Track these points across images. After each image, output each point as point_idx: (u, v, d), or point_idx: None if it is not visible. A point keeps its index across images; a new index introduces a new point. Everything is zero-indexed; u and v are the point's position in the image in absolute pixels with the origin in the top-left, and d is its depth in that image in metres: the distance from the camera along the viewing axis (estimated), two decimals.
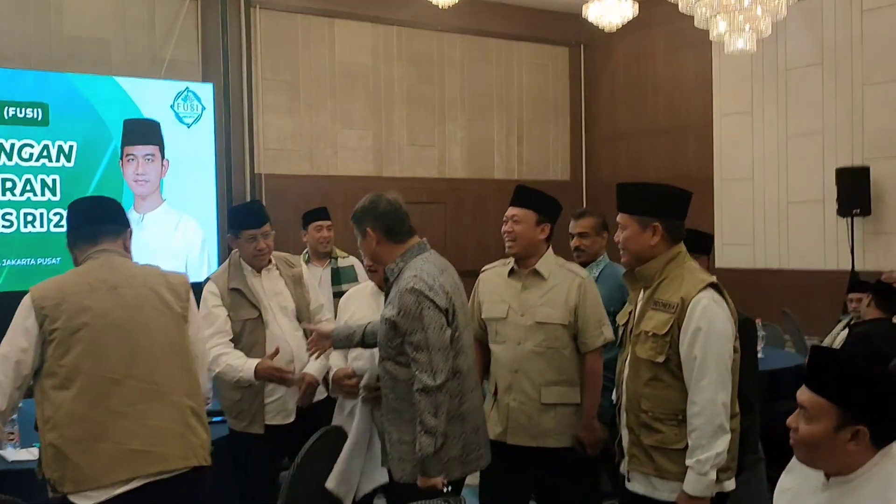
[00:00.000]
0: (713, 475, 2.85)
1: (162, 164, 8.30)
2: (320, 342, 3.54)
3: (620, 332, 3.25)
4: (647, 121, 10.84)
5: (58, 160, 7.84)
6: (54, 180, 7.80)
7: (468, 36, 10.73)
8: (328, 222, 5.41)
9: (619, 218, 3.13)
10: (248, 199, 9.24)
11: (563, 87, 11.58)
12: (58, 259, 7.53)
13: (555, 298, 3.63)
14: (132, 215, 8.11)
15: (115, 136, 8.10)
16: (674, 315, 2.94)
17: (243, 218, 3.84)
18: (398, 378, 3.12)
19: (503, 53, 11.06)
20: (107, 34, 8.53)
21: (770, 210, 9.49)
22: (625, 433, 3.10)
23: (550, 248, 3.76)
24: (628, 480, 3.09)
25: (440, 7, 8.39)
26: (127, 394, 2.70)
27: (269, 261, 3.93)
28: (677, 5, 7.11)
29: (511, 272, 3.76)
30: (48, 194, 7.76)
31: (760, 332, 5.62)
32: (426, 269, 3.12)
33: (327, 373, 3.75)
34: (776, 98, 9.44)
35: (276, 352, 3.70)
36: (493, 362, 3.74)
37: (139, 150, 8.19)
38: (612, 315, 3.86)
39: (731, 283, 10.42)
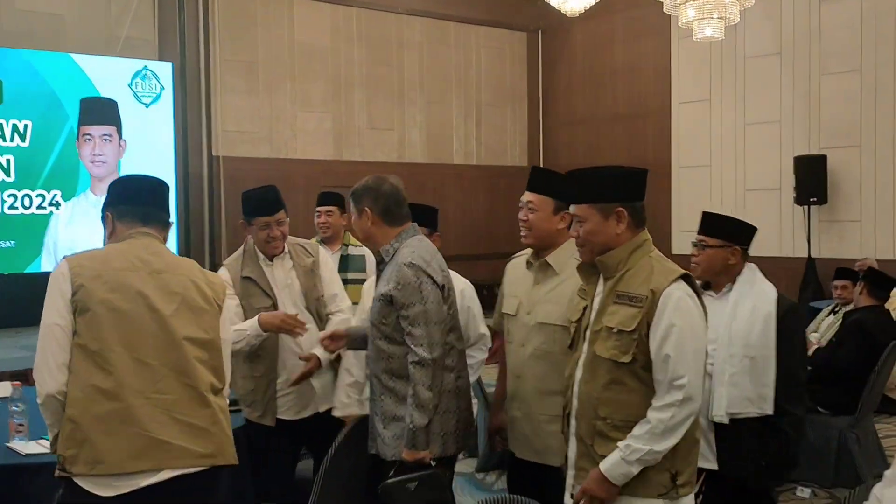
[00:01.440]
0: (636, 469, 2.59)
1: (119, 145, 8.08)
2: (334, 342, 3.44)
3: (572, 331, 2.87)
4: (604, 107, 10.90)
5: (12, 139, 7.57)
6: (8, 160, 7.54)
7: (427, 19, 10.65)
8: (327, 208, 5.27)
9: (576, 210, 2.78)
10: (206, 182, 9.07)
11: (522, 71, 11.58)
12: (12, 242, 7.29)
13: (561, 295, 3.18)
14: (89, 197, 7.90)
15: (71, 116, 7.86)
16: (642, 309, 2.61)
17: (256, 204, 3.71)
18: (393, 356, 3.10)
19: (462, 37, 11.01)
20: (61, 10, 8.25)
21: (727, 197, 9.64)
22: (573, 444, 2.76)
23: (572, 239, 3.32)
24: (572, 497, 2.75)
25: None
26: (159, 381, 2.60)
27: (283, 249, 3.82)
28: None
29: (528, 264, 3.37)
30: (2, 174, 7.48)
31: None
32: (421, 248, 3.16)
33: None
34: (734, 86, 9.57)
35: (311, 359, 3.60)
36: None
37: (96, 130, 7.96)
38: None
39: (689, 270, 10.59)
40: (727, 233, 3.46)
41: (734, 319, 3.37)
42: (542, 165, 11.54)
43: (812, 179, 8.62)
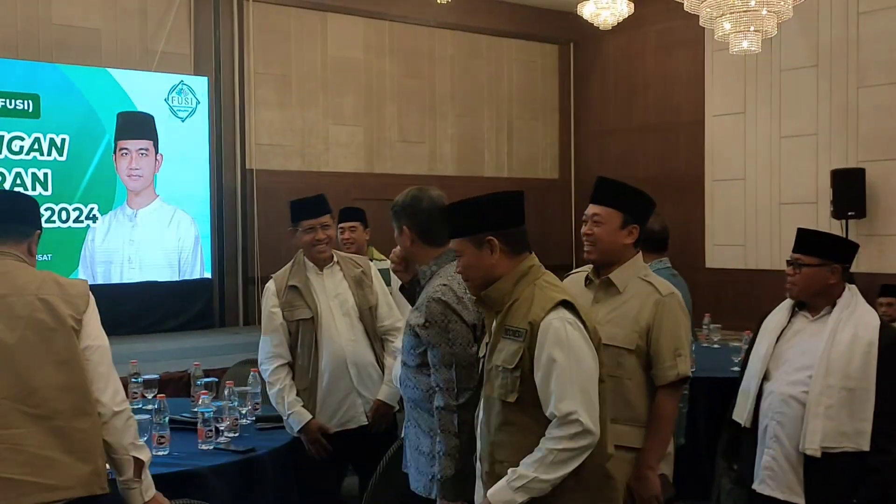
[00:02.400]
0: (520, 497, 2.45)
1: (156, 159, 8.13)
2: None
3: (480, 368, 2.76)
4: (636, 118, 10.85)
5: (49, 154, 7.63)
6: (46, 174, 7.60)
7: (459, 32, 10.65)
8: (350, 224, 5.25)
9: (453, 244, 2.70)
10: (239, 196, 9.10)
11: (553, 84, 11.55)
12: (49, 255, 7.33)
13: (624, 316, 3.04)
14: (125, 211, 7.94)
15: (108, 130, 7.91)
16: (523, 344, 2.47)
17: (302, 207, 3.73)
18: (417, 386, 2.98)
19: (494, 50, 11.00)
20: (97, 24, 8.32)
21: (762, 211, 9.54)
22: (478, 486, 2.64)
23: (639, 256, 3.17)
24: None
25: (432, 2, 8.31)
26: (3, 416, 2.48)
27: (332, 258, 3.81)
28: (669, 4, 7.10)
29: (587, 281, 3.21)
30: (39, 189, 7.55)
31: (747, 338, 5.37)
32: (458, 278, 2.91)
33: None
34: (770, 99, 9.49)
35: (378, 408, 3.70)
36: None
37: (133, 145, 8.01)
38: None
39: (722, 284, 10.44)
40: (825, 250, 3.20)
41: (832, 347, 3.13)
42: (573, 178, 11.50)
43: (850, 193, 8.51)
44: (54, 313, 2.57)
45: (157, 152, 8.14)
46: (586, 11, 8.38)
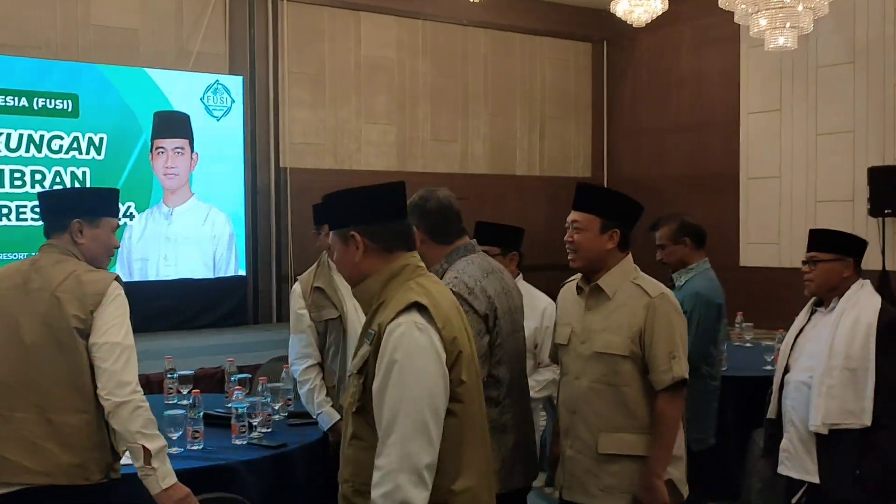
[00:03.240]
0: None
1: (191, 158, 8.23)
2: None
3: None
4: (670, 117, 10.78)
5: (88, 153, 7.75)
6: (84, 173, 7.72)
7: (492, 31, 10.65)
8: None
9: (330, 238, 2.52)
10: (273, 194, 9.18)
11: (586, 82, 11.51)
12: None
13: (617, 322, 3.00)
14: (162, 209, 8.05)
15: (145, 129, 8.02)
16: (370, 347, 2.26)
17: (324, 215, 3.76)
18: None
19: (526, 48, 10.99)
20: (134, 25, 8.44)
21: (798, 209, 9.44)
22: None
23: (628, 259, 3.13)
24: None
25: (465, 1, 8.32)
26: (12, 398, 2.74)
27: None
28: (703, 0, 7.05)
29: (579, 289, 3.18)
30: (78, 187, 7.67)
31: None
32: (468, 270, 3.01)
33: None
34: (806, 96, 9.39)
35: None
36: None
37: (169, 143, 8.12)
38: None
39: (756, 282, 10.33)
40: (838, 246, 3.45)
41: (836, 332, 3.36)
42: (606, 176, 11.46)
43: (887, 191, 8.40)
44: (61, 312, 2.76)
45: (192, 151, 8.24)
46: (619, 9, 8.33)
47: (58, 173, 7.61)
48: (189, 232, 8.17)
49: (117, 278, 2.90)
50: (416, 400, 2.12)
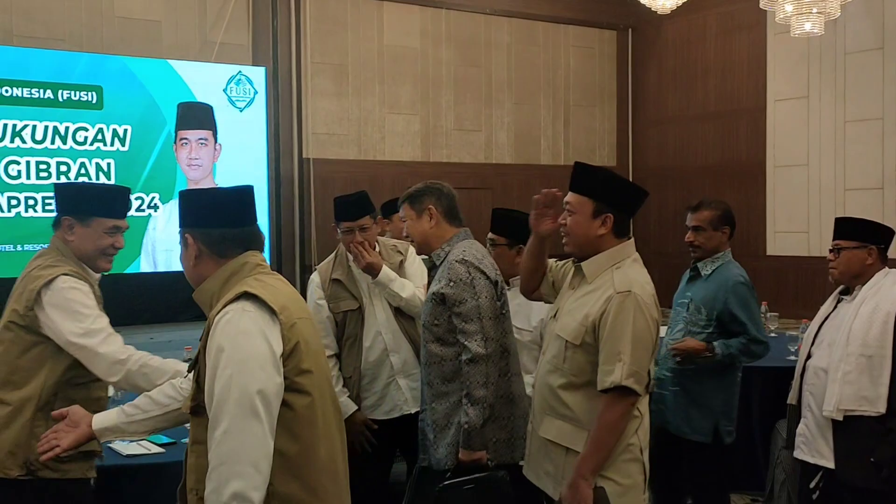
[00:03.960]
0: None
1: (215, 149, 8.26)
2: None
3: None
4: (696, 105, 10.67)
5: (112, 144, 7.81)
6: (109, 164, 7.78)
7: (516, 19, 10.59)
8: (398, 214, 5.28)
9: None
10: (297, 184, 9.20)
11: (611, 70, 11.42)
12: None
13: (579, 308, 2.82)
14: None
15: (168, 120, 8.06)
16: (201, 342, 2.19)
17: (341, 209, 3.75)
18: (445, 358, 3.09)
19: (550, 37, 10.92)
20: (158, 16, 8.48)
21: (826, 197, 9.33)
22: None
23: (623, 246, 2.88)
24: None
25: None
26: None
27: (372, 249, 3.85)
28: None
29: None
30: (103, 178, 7.72)
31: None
32: (472, 249, 3.17)
33: None
34: (834, 82, 9.26)
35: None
36: None
37: (192, 135, 8.15)
38: (716, 320, 3.72)
39: (783, 271, 10.22)
40: (862, 233, 3.46)
41: (855, 319, 3.36)
42: (630, 165, 11.36)
43: None
44: (9, 308, 2.83)
45: (216, 142, 8.28)
46: None
47: (83, 165, 7.68)
48: None
49: (68, 274, 2.81)
50: (243, 387, 1.99)
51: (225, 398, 1.97)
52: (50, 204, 7.50)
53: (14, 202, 7.44)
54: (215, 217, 2.23)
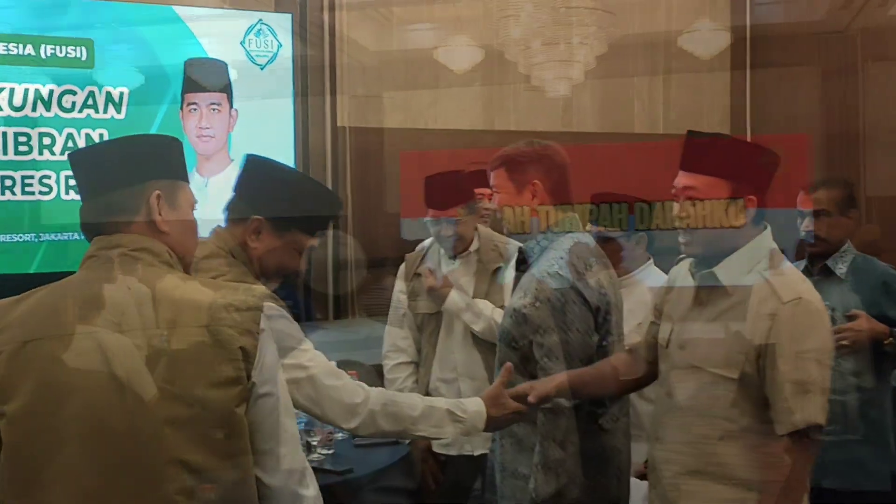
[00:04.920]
0: None
1: (230, 116, 8.31)
2: None
3: None
4: None
5: (105, 111, 7.89)
6: (101, 135, 7.86)
7: None
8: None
9: None
10: (329, 158, 9.24)
11: (724, 6, 11.28)
12: None
13: (721, 328, 2.69)
14: (195, 178, 8.17)
15: (173, 81, 8.13)
16: None
17: (427, 194, 3.77)
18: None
19: None
20: None
21: None
22: None
23: (762, 237, 2.74)
24: None
25: None
26: None
27: (470, 245, 3.86)
28: None
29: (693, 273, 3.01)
30: None
31: None
32: (577, 251, 2.95)
33: None
34: None
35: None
36: None
37: (203, 99, 8.21)
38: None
39: None
40: None
41: None
42: (748, 135, 11.21)
43: None
44: None
45: (231, 107, 8.32)
46: None
47: (70, 136, 7.77)
48: None
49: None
50: None
51: None
52: (31, 185, 7.63)
53: None
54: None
